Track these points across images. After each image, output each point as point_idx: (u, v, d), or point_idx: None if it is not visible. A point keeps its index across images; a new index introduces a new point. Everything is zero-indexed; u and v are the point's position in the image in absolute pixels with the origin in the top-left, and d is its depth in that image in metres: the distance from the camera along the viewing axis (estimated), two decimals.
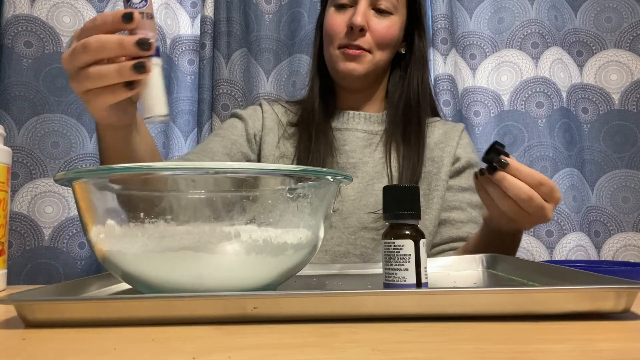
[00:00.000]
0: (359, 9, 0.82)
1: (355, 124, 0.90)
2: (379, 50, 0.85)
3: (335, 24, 0.85)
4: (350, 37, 0.83)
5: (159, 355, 0.28)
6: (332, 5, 0.87)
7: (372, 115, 0.91)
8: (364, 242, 0.83)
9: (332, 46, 0.85)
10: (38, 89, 1.13)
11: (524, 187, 0.55)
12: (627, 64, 1.20)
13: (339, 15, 0.85)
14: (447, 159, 0.87)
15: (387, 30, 0.84)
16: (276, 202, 0.42)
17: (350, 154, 0.88)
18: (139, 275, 0.41)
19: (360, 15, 0.81)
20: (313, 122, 0.87)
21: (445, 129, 0.92)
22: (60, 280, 1.04)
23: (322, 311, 0.35)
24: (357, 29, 0.82)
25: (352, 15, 0.83)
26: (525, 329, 0.33)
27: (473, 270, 0.62)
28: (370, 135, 0.90)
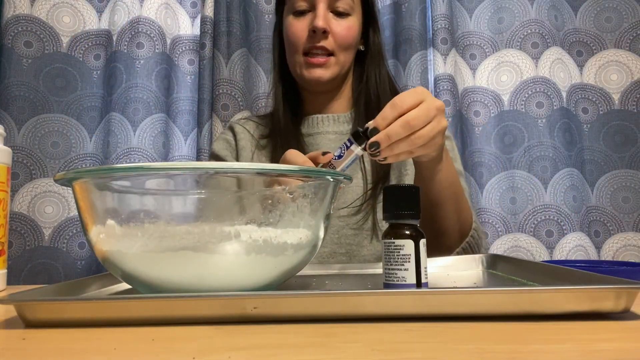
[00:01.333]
0: (319, 13, 0.82)
1: (325, 127, 0.91)
2: (343, 52, 0.85)
3: (297, 30, 0.85)
4: (313, 40, 0.83)
5: (159, 355, 0.28)
6: (290, 13, 0.87)
7: (340, 116, 0.92)
8: (347, 239, 0.84)
9: (297, 53, 0.86)
10: (38, 89, 1.13)
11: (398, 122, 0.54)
12: (627, 64, 1.20)
13: (298, 21, 0.85)
14: None
15: (347, 31, 0.85)
16: (276, 202, 0.42)
17: None
18: (139, 275, 0.41)
19: (321, 19, 0.82)
20: (281, 130, 0.88)
21: None
22: (60, 280, 1.04)
23: (322, 311, 0.35)
24: (320, 32, 0.82)
25: (313, 19, 0.83)
26: (525, 329, 0.33)
27: (473, 270, 0.62)
28: (341, 136, 0.91)
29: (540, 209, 1.16)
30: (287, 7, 0.88)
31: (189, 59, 1.24)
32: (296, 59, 0.86)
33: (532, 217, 1.16)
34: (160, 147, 1.15)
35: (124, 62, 1.15)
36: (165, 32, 1.20)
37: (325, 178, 0.44)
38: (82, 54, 1.17)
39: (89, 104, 1.17)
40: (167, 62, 1.19)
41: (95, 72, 1.18)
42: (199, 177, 0.42)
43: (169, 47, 1.21)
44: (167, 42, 1.20)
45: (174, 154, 1.20)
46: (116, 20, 1.17)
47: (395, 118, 0.54)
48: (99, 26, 1.20)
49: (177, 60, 1.22)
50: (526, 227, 1.16)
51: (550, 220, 1.14)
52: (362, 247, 0.83)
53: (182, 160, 1.21)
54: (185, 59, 1.23)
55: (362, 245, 0.83)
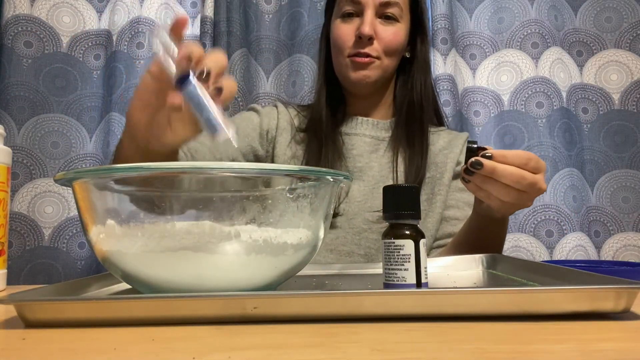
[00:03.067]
0: (366, 19, 0.84)
1: (363, 130, 0.92)
2: (387, 57, 0.87)
3: (343, 34, 0.86)
4: (359, 46, 0.85)
5: (159, 355, 0.28)
6: (338, 16, 0.88)
7: (380, 122, 0.93)
8: (368, 242, 0.85)
9: (342, 55, 0.87)
10: (38, 89, 1.13)
11: (514, 170, 0.56)
12: (627, 64, 1.20)
13: (346, 25, 0.87)
14: (450, 165, 0.90)
15: (394, 37, 0.86)
16: (276, 202, 0.42)
17: (357, 158, 0.90)
18: (139, 275, 0.41)
19: (367, 25, 0.83)
20: (321, 129, 0.89)
21: (450, 138, 0.94)
22: (60, 280, 1.04)
23: (322, 311, 0.35)
24: (366, 38, 0.84)
25: (360, 24, 0.84)
26: (525, 329, 0.33)
27: (473, 270, 0.62)
28: (377, 141, 0.92)
29: (540, 209, 1.16)
30: (335, 9, 0.90)
31: None
32: (341, 61, 0.88)
33: (532, 217, 1.16)
34: None
35: (124, 62, 1.15)
36: None
37: (325, 178, 0.44)
38: (82, 54, 1.17)
39: (89, 104, 1.17)
40: None
41: (95, 72, 1.18)
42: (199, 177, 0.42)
43: None
44: None
45: None
46: (116, 20, 1.17)
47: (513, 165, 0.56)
48: (99, 26, 1.20)
49: None
50: (526, 227, 1.16)
51: (550, 220, 1.14)
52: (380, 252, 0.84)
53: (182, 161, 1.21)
54: None
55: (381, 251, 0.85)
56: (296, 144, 0.91)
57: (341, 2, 0.88)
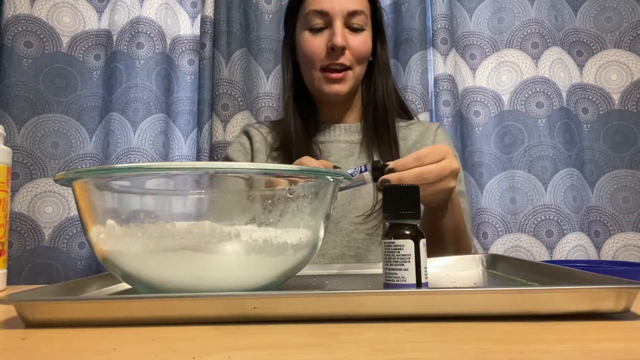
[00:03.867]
0: (337, 31, 0.85)
1: (337, 136, 0.95)
2: (358, 65, 0.89)
3: (314, 47, 0.87)
4: (332, 57, 0.86)
5: (159, 355, 0.28)
6: (304, 29, 0.89)
7: (351, 126, 0.95)
8: (357, 243, 0.87)
9: (314, 69, 0.88)
10: (38, 89, 1.13)
11: (416, 171, 0.62)
12: (627, 64, 1.20)
13: (315, 38, 0.88)
14: None
15: (363, 45, 0.88)
16: (276, 202, 0.42)
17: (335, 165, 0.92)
18: (139, 275, 0.41)
19: (340, 36, 0.85)
20: (292, 143, 0.90)
21: (422, 130, 0.96)
22: (60, 280, 1.04)
23: (322, 311, 0.35)
24: (339, 49, 0.85)
25: (330, 36, 0.86)
26: (525, 329, 0.33)
27: (473, 270, 0.62)
28: (351, 145, 0.94)
29: (540, 209, 1.16)
30: (300, 23, 0.91)
31: (189, 59, 1.24)
32: (314, 74, 0.89)
33: (532, 217, 1.16)
34: (160, 147, 1.15)
35: (124, 62, 1.15)
36: (165, 32, 1.20)
37: (325, 178, 0.44)
38: (82, 54, 1.17)
39: (89, 104, 1.17)
40: (167, 62, 1.19)
41: (95, 72, 1.18)
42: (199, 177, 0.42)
43: (169, 47, 1.21)
44: (167, 42, 1.20)
45: (174, 154, 1.20)
46: (116, 20, 1.17)
47: (413, 167, 0.62)
48: (99, 26, 1.20)
49: (177, 60, 1.22)
50: (526, 227, 1.16)
51: (550, 220, 1.14)
52: (369, 251, 0.87)
53: (182, 160, 1.21)
54: (185, 59, 1.23)
55: (370, 250, 0.87)
56: (272, 161, 0.93)
57: (308, 15, 0.88)
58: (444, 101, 1.17)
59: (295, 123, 0.91)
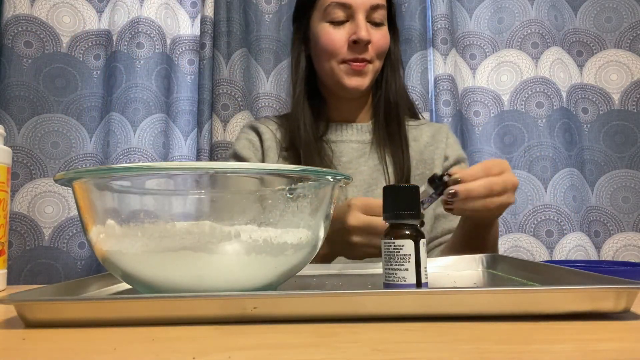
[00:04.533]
0: (360, 24, 0.83)
1: (349, 136, 0.93)
2: (378, 60, 0.88)
3: (336, 40, 0.85)
4: (355, 51, 0.84)
5: (159, 355, 0.28)
6: (324, 21, 0.87)
7: (363, 126, 0.94)
8: None
9: (334, 61, 0.86)
10: (38, 89, 1.13)
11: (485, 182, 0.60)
12: (627, 64, 1.20)
13: (336, 30, 0.86)
14: (437, 161, 0.92)
15: (384, 40, 0.87)
16: (276, 202, 0.42)
17: (347, 165, 0.91)
18: (139, 275, 0.41)
19: (364, 30, 0.83)
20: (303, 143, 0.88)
21: (432, 132, 0.96)
22: (60, 280, 1.04)
23: (322, 311, 0.35)
24: (363, 43, 0.84)
25: (352, 29, 0.84)
26: (525, 329, 0.33)
27: (473, 270, 0.62)
28: (363, 145, 0.92)
29: (540, 209, 1.16)
30: (318, 14, 0.88)
31: (189, 59, 1.24)
32: (333, 66, 0.86)
33: (532, 217, 1.16)
34: (160, 147, 1.15)
35: (124, 62, 1.15)
36: (165, 32, 1.20)
37: (325, 178, 0.44)
38: (82, 54, 1.17)
39: (89, 104, 1.17)
40: (167, 62, 1.19)
41: (95, 72, 1.18)
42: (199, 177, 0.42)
43: (169, 47, 1.21)
44: (167, 42, 1.20)
45: (174, 154, 1.20)
46: (116, 20, 1.17)
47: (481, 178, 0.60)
48: (99, 26, 1.20)
49: (177, 60, 1.22)
50: (526, 227, 1.16)
51: (550, 220, 1.14)
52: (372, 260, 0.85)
53: (182, 160, 1.21)
54: (185, 59, 1.23)
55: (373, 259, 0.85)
56: (283, 161, 0.91)
57: (328, 7, 0.86)
58: (444, 101, 1.17)
59: (305, 121, 0.88)
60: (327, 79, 0.89)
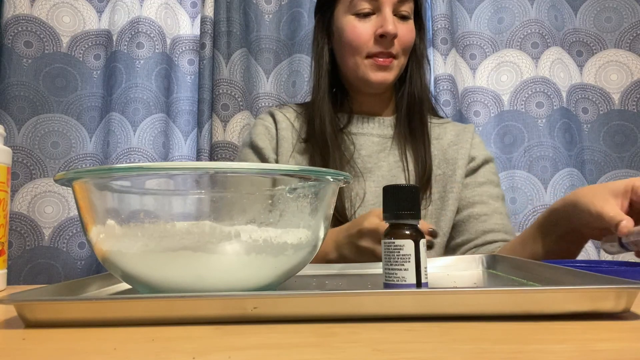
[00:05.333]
0: (387, 17, 0.82)
1: (370, 129, 0.91)
2: (404, 55, 0.86)
3: (362, 33, 0.83)
4: (382, 45, 0.83)
5: (159, 355, 0.28)
6: (350, 13, 0.85)
7: (385, 120, 0.92)
8: None
9: (359, 55, 0.84)
10: (38, 89, 1.13)
11: None
12: (627, 64, 1.20)
13: (362, 23, 0.84)
14: (461, 161, 0.89)
15: (411, 34, 0.85)
16: (276, 202, 0.42)
17: (366, 159, 0.89)
18: (139, 275, 0.41)
19: (392, 24, 0.81)
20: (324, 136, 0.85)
21: (457, 131, 0.93)
22: (60, 280, 1.04)
23: (322, 311, 0.35)
24: (391, 37, 0.82)
25: (379, 22, 0.82)
26: (525, 329, 0.33)
27: (473, 270, 0.62)
28: (384, 140, 0.90)
29: (540, 209, 1.16)
30: (343, 6, 0.86)
31: (189, 59, 1.24)
32: (358, 61, 0.85)
33: (532, 217, 1.16)
34: (160, 147, 1.15)
35: (124, 62, 1.15)
36: (165, 32, 1.20)
37: (325, 178, 0.44)
38: (82, 54, 1.17)
39: (89, 104, 1.17)
40: (167, 62, 1.19)
41: (95, 72, 1.18)
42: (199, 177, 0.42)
43: (169, 47, 1.21)
44: (167, 42, 1.20)
45: (174, 154, 1.20)
46: (116, 20, 1.17)
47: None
48: (99, 26, 1.20)
49: (177, 60, 1.22)
50: (526, 227, 1.16)
51: None
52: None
53: (182, 160, 1.21)
54: (185, 59, 1.23)
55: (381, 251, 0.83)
56: (299, 155, 0.88)
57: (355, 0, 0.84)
58: (444, 101, 1.17)
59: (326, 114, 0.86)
60: (351, 73, 0.87)
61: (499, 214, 0.86)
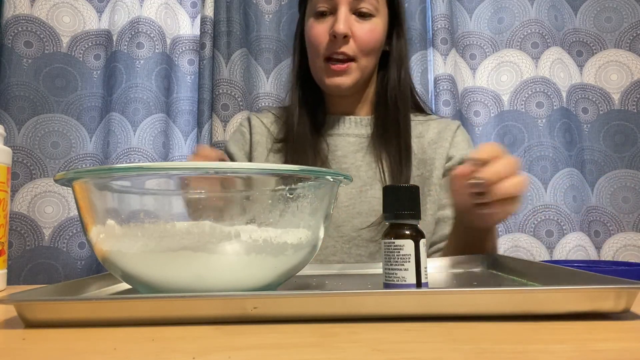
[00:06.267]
0: (339, 16, 0.78)
1: (346, 129, 0.88)
2: (364, 57, 0.82)
3: (317, 34, 0.81)
4: (334, 46, 0.80)
5: (159, 355, 0.28)
6: (311, 15, 0.83)
7: (363, 119, 0.89)
8: (358, 250, 0.82)
9: (318, 58, 0.82)
10: (38, 89, 1.13)
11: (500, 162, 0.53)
12: (627, 64, 1.20)
13: (319, 24, 0.81)
14: (438, 161, 0.85)
15: (370, 34, 0.81)
16: (276, 202, 0.42)
17: (342, 159, 0.86)
18: (139, 275, 0.41)
19: (342, 23, 0.78)
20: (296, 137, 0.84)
21: (440, 128, 0.89)
22: (60, 280, 1.04)
23: (322, 311, 0.35)
24: (340, 37, 0.78)
25: (333, 22, 0.79)
26: (525, 329, 0.33)
27: (473, 270, 0.62)
28: (361, 139, 0.88)
29: (540, 209, 1.16)
30: (309, 7, 0.85)
31: (189, 59, 1.24)
32: (317, 63, 0.83)
33: (532, 217, 1.16)
34: (160, 147, 1.15)
35: (124, 62, 1.15)
36: (165, 32, 1.20)
37: (325, 178, 0.44)
38: (82, 54, 1.17)
39: (89, 104, 1.17)
40: (167, 62, 1.19)
41: (95, 72, 1.18)
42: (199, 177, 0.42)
43: (169, 47, 1.21)
44: (167, 42, 1.20)
45: (174, 154, 1.20)
46: (116, 20, 1.17)
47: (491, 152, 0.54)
48: (99, 26, 1.20)
49: (177, 60, 1.22)
50: (526, 227, 1.16)
51: (550, 220, 1.14)
52: (372, 260, 0.81)
53: (182, 160, 1.21)
54: (185, 59, 1.23)
55: (374, 259, 0.81)
56: (274, 154, 0.88)
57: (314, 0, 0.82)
58: (444, 101, 1.17)
59: (299, 113, 0.85)
60: (314, 76, 0.86)
61: None
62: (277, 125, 0.91)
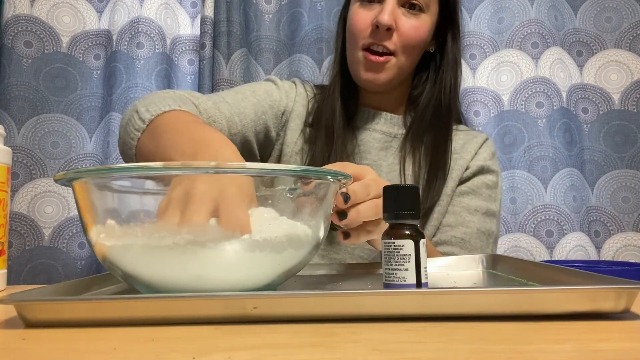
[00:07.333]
0: (386, 6, 0.74)
1: (374, 124, 0.85)
2: (404, 54, 0.78)
3: (360, 21, 0.77)
4: (376, 36, 0.76)
5: (159, 355, 0.28)
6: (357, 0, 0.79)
7: (394, 117, 0.85)
8: (361, 252, 0.80)
9: (356, 47, 0.78)
10: (38, 89, 1.13)
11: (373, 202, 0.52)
12: (627, 64, 1.20)
13: (364, 11, 0.77)
14: (455, 173, 0.83)
15: (415, 31, 0.76)
16: (276, 202, 0.42)
17: (364, 155, 0.84)
18: (139, 275, 0.41)
19: (387, 14, 0.73)
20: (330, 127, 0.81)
21: (466, 140, 0.86)
22: (60, 280, 1.04)
23: (322, 311, 0.35)
24: (384, 29, 0.74)
25: (379, 12, 0.75)
26: (525, 329, 0.33)
27: (473, 270, 0.62)
28: (389, 138, 0.84)
29: (540, 209, 1.16)
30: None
31: (189, 59, 1.24)
32: (354, 53, 0.79)
33: (532, 217, 1.16)
34: None
35: (124, 62, 1.15)
36: (165, 32, 1.20)
37: (325, 178, 0.44)
38: (82, 54, 1.17)
39: (89, 104, 1.17)
40: (167, 62, 1.19)
41: (95, 72, 1.18)
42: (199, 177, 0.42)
43: (169, 47, 1.21)
44: (167, 42, 1.20)
45: None
46: (116, 20, 1.17)
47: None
48: (99, 26, 1.20)
49: (177, 60, 1.22)
50: (526, 227, 1.16)
51: (550, 220, 1.14)
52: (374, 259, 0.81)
53: None
54: (185, 59, 1.23)
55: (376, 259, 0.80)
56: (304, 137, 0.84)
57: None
58: None
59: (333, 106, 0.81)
60: (350, 66, 0.82)
61: (465, 227, 0.80)
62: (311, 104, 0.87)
